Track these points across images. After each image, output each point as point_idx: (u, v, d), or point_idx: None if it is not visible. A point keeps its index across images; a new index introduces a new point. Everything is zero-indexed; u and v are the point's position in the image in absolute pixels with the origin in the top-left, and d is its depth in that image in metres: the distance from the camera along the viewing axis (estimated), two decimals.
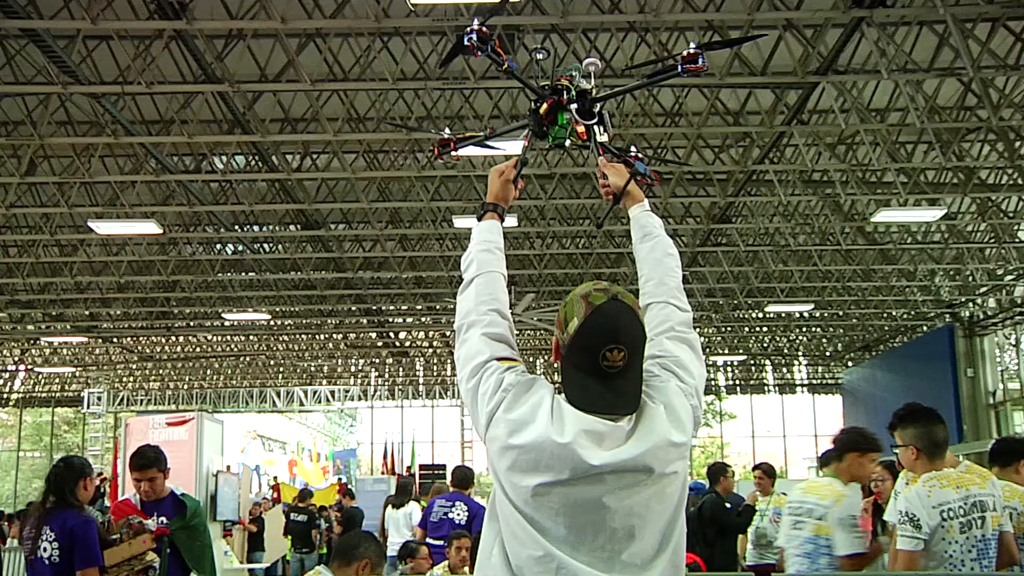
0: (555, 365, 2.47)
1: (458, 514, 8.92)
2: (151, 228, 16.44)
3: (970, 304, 24.32)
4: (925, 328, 26.33)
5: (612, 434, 2.28)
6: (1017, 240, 18.84)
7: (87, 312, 24.60)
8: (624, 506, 2.26)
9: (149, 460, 5.67)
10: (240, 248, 20.33)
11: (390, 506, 12.81)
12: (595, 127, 2.94)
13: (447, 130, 3.22)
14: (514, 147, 3.03)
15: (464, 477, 9.46)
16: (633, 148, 3.02)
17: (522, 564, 2.25)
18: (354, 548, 4.98)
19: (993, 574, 4.24)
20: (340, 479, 28.27)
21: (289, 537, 17.25)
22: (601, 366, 2.28)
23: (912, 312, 25.20)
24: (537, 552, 2.24)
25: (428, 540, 8.81)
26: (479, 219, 2.78)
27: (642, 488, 2.28)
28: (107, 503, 15.96)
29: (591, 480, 2.24)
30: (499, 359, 2.42)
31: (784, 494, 10.15)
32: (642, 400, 2.35)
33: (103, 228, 16.41)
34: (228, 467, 15.08)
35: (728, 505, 9.54)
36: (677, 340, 2.56)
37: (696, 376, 2.50)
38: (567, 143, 2.96)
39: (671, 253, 2.79)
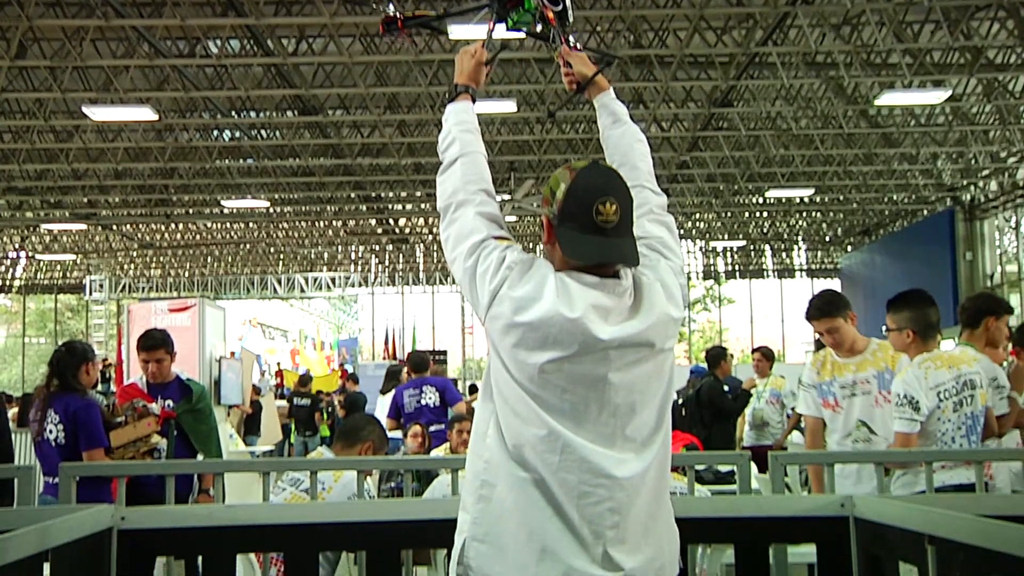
0: (546, 249, 2.43)
1: (429, 397, 8.98)
2: (146, 114, 16.25)
3: (971, 187, 24.22)
4: (925, 212, 26.26)
5: (616, 309, 2.29)
6: (1023, 121, 18.64)
7: (85, 199, 24.53)
8: (627, 381, 2.28)
9: (157, 341, 5.73)
10: (237, 134, 20.15)
11: (380, 392, 12.94)
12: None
13: (391, 7, 3.08)
14: (480, 31, 2.94)
15: (421, 361, 9.51)
16: (572, 38, 2.95)
17: (523, 443, 2.26)
18: (359, 431, 5.08)
19: (980, 448, 4.34)
20: (343, 365, 28.61)
21: (293, 420, 17.59)
22: (596, 221, 2.26)
23: (913, 196, 25.11)
24: (541, 431, 2.25)
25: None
26: (450, 101, 2.73)
27: (643, 363, 2.31)
28: (113, 388, 16.18)
29: (597, 355, 2.25)
30: (495, 238, 2.39)
31: (782, 376, 10.31)
32: (639, 276, 2.37)
33: (98, 114, 16.20)
34: (232, 353, 15.25)
35: (726, 388, 9.67)
36: (657, 222, 2.58)
37: (679, 256, 2.53)
38: (538, 28, 2.89)
39: (641, 139, 2.79)
